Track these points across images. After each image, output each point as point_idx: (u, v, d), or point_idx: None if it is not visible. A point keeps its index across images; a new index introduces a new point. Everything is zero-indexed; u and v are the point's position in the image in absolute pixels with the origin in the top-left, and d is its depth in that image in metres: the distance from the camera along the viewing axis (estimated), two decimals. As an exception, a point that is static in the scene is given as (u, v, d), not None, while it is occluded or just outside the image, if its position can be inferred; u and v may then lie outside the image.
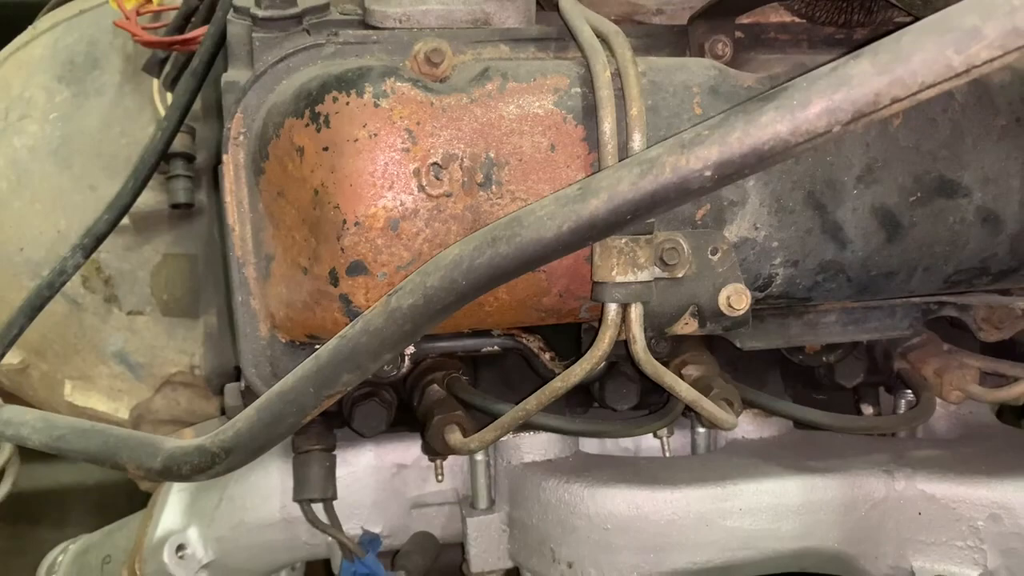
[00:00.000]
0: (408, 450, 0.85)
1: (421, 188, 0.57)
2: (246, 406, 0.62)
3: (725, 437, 0.84)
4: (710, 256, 0.61)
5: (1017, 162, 0.65)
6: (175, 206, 0.90)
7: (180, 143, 0.89)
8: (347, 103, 0.57)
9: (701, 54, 0.68)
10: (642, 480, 0.74)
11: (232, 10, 0.68)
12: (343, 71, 0.58)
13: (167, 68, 0.92)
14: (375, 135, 0.56)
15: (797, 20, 0.70)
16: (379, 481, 0.84)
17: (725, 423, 0.67)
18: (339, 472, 0.82)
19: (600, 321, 0.58)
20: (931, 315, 0.77)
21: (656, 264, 0.59)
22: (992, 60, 0.41)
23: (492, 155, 0.57)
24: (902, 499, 0.72)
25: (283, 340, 0.65)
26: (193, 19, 0.88)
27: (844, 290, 0.67)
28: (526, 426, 0.71)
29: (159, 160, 0.83)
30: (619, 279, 0.57)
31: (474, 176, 0.57)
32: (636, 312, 0.58)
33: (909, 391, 0.86)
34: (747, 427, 0.83)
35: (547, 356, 0.73)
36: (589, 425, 0.74)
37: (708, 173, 0.45)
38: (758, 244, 0.63)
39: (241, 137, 0.63)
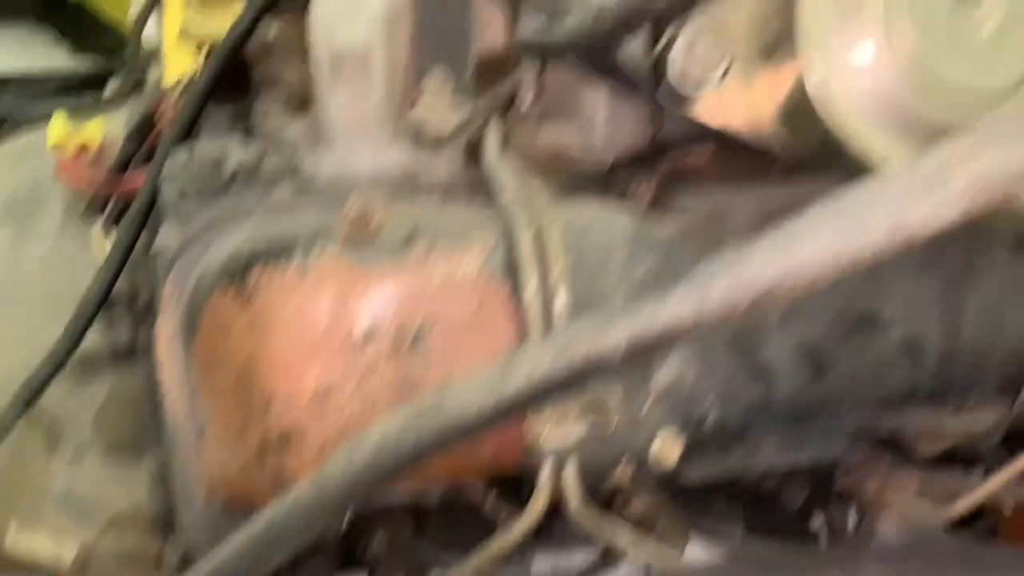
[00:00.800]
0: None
1: (348, 358, 0.57)
2: (179, 572, 0.61)
3: (678, 561, 0.83)
4: (640, 406, 0.62)
5: (935, 292, 0.67)
6: (116, 352, 0.89)
7: (122, 285, 0.89)
8: (272, 277, 0.58)
9: (625, 197, 0.70)
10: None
11: (164, 172, 0.69)
12: (269, 242, 0.59)
13: (107, 212, 0.92)
14: (301, 308, 0.57)
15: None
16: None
17: (670, 566, 0.67)
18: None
19: (536, 478, 0.59)
20: (870, 434, 0.79)
21: (587, 420, 0.59)
22: (881, 251, 0.42)
23: (420, 320, 0.58)
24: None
25: (220, 506, 0.64)
26: (132, 163, 0.89)
27: (774, 424, 0.68)
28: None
29: (99, 307, 0.83)
30: (550, 438, 0.57)
31: (402, 342, 0.58)
32: (570, 470, 0.59)
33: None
34: (696, 551, 0.83)
35: (490, 498, 0.72)
36: None
37: (620, 355, 0.46)
38: (687, 388, 0.64)
39: (172, 306, 0.63)
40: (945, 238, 0.67)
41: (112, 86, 1.18)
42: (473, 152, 0.73)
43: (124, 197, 0.89)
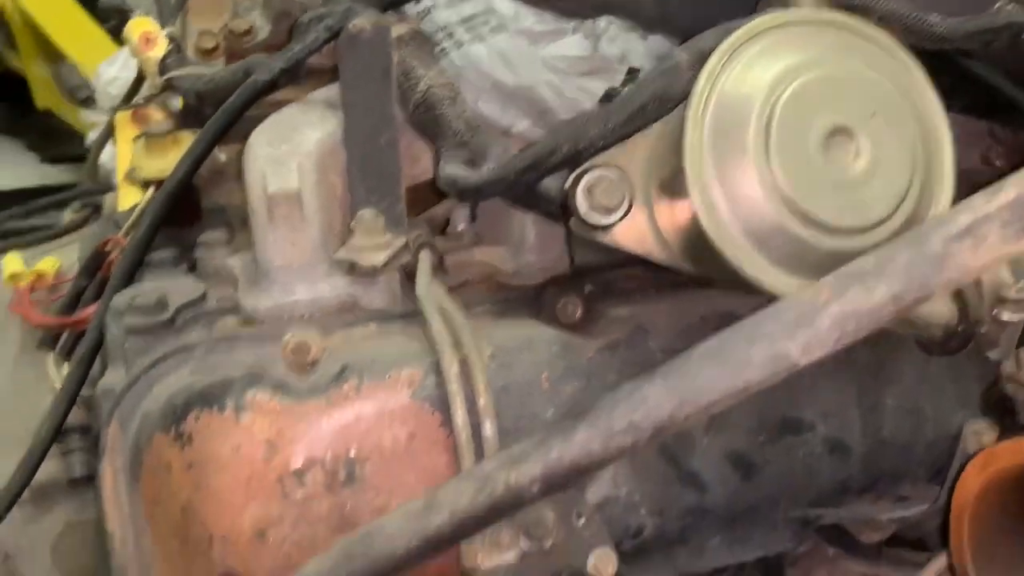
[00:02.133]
0: None
1: (285, 495, 0.59)
2: None
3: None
4: (575, 521, 0.63)
5: (851, 394, 0.70)
6: (72, 481, 0.90)
7: (76, 417, 0.90)
8: (209, 420, 0.60)
9: (553, 315, 0.73)
10: None
11: (108, 312, 0.71)
12: (205, 386, 0.61)
13: (62, 341, 0.94)
14: (236, 449, 0.59)
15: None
16: None
17: None
18: None
19: (474, 605, 0.60)
20: (812, 526, 0.80)
21: (522, 541, 0.61)
22: (763, 380, 0.46)
23: (353, 453, 0.60)
24: None
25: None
26: (82, 298, 0.91)
27: (713, 528, 0.70)
28: None
29: (54, 437, 0.84)
30: (485, 565, 0.59)
31: (336, 477, 0.60)
32: (507, 597, 0.60)
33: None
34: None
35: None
36: None
37: (536, 487, 0.49)
38: (621, 500, 0.66)
39: (118, 443, 0.65)
40: (853, 346, 0.71)
41: (69, 214, 1.22)
42: (410, 277, 0.76)
43: (76, 331, 0.92)
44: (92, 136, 1.37)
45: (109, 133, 1.27)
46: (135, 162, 0.90)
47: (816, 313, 0.44)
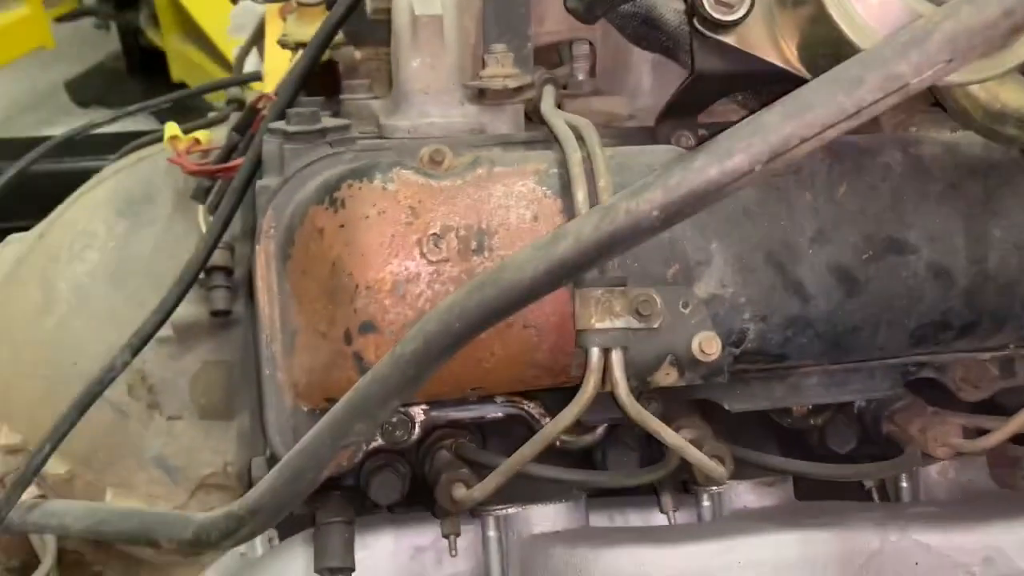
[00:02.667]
0: (425, 531, 0.88)
1: (423, 255, 0.66)
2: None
3: (729, 508, 0.87)
4: (682, 309, 0.68)
5: (957, 222, 0.72)
6: (214, 313, 0.99)
7: (220, 258, 1.00)
8: (360, 188, 0.67)
9: (667, 143, 0.78)
10: (646, 540, 0.77)
11: (267, 132, 0.80)
12: (358, 166, 0.69)
13: (211, 196, 1.04)
14: (383, 212, 0.66)
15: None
16: (397, 563, 0.87)
17: (714, 471, 0.71)
18: (358, 555, 0.86)
19: (585, 368, 0.65)
20: (910, 376, 0.82)
21: (632, 315, 0.66)
22: (876, 102, 0.49)
23: (483, 226, 0.67)
24: (897, 550, 0.74)
25: (305, 409, 0.72)
26: (235, 153, 1.01)
27: (815, 345, 0.73)
28: (528, 479, 0.75)
29: (201, 268, 0.93)
30: (598, 326, 0.64)
31: (468, 244, 0.66)
32: (617, 357, 0.65)
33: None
34: (748, 496, 0.86)
35: (547, 420, 0.78)
36: (586, 476, 0.78)
37: (656, 214, 0.53)
38: (727, 300, 0.70)
39: (272, 231, 0.73)
40: (964, 170, 0.73)
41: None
42: (532, 114, 0.83)
43: (227, 182, 1.02)
44: (237, 51, 1.49)
45: (255, 39, 1.39)
46: (287, 29, 1.00)
47: (928, 34, 0.48)
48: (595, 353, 0.65)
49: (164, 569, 1.20)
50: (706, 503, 0.87)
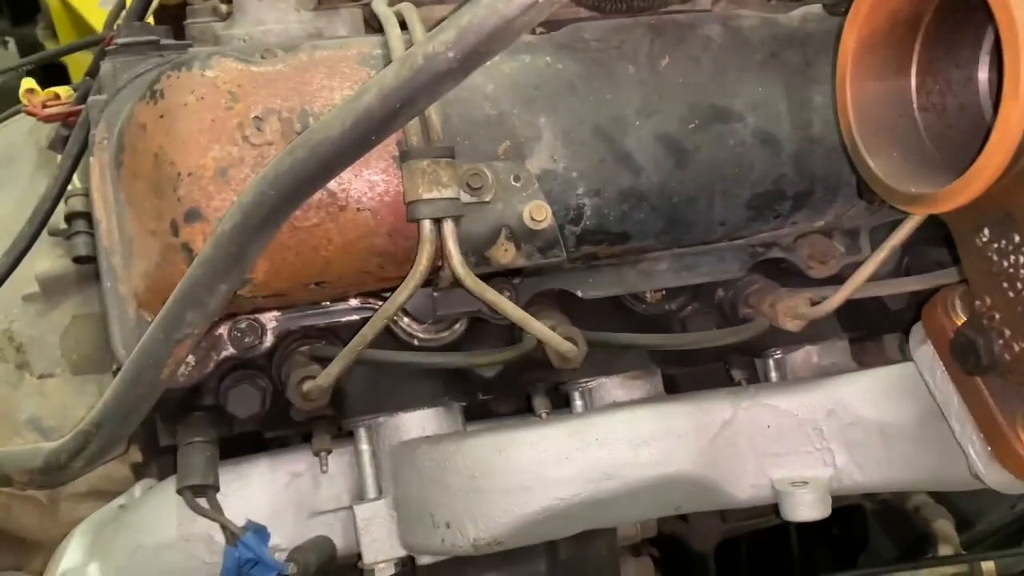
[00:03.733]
0: (300, 458, 0.88)
1: (245, 139, 0.65)
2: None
3: (600, 404, 0.87)
4: (513, 183, 0.69)
5: (779, 89, 0.75)
6: (77, 260, 0.97)
7: (80, 203, 0.97)
8: (178, 76, 0.67)
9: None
10: (507, 429, 0.77)
11: (104, 56, 0.79)
12: (178, 58, 0.68)
13: (68, 143, 1.02)
14: (202, 98, 0.66)
15: (587, 13, 0.82)
16: (274, 492, 0.86)
17: (560, 345, 0.72)
18: (234, 486, 0.85)
19: (419, 241, 0.65)
20: (760, 257, 0.85)
21: (463, 188, 0.67)
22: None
23: (307, 108, 0.67)
24: (749, 416, 0.76)
25: (148, 319, 0.71)
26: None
27: (653, 221, 0.74)
28: (392, 381, 0.75)
29: (51, 207, 0.91)
30: (425, 196, 0.64)
31: (292, 126, 0.66)
32: (449, 228, 0.65)
33: (776, 351, 0.91)
34: (617, 391, 0.88)
35: (405, 320, 0.78)
36: (437, 358, 0.78)
37: (451, 55, 0.54)
38: (559, 175, 0.71)
39: (104, 142, 0.72)
40: (783, 40, 0.75)
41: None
42: (372, 20, 0.83)
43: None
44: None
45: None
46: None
47: None
48: (427, 225, 0.65)
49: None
50: (578, 401, 0.88)
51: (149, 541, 0.85)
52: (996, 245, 0.52)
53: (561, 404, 0.90)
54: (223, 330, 0.75)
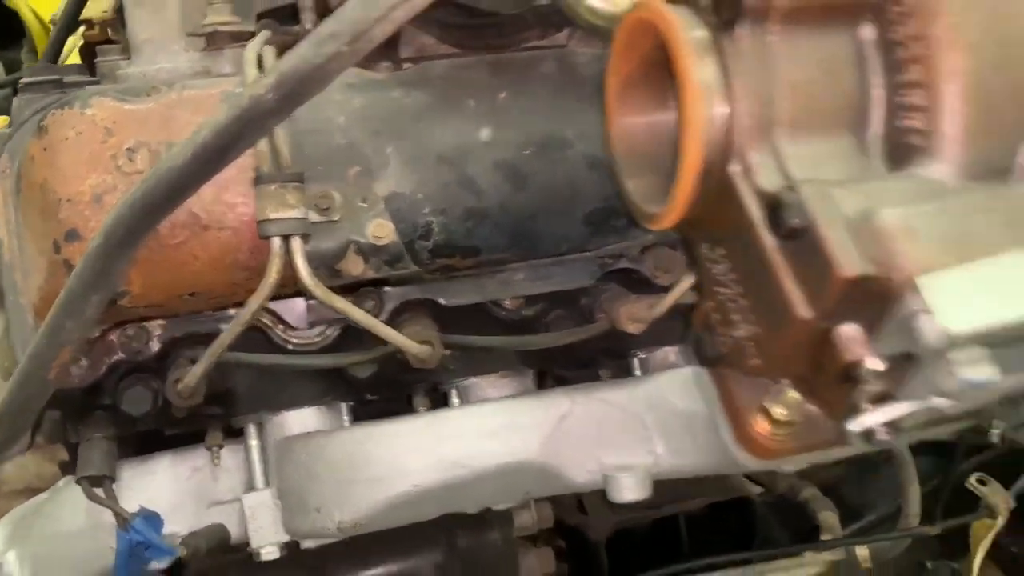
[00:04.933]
0: (201, 453, 0.96)
1: (118, 169, 0.75)
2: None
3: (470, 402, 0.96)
4: (360, 203, 0.78)
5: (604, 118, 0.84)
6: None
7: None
8: (61, 114, 0.76)
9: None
10: (372, 424, 0.86)
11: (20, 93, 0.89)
12: (64, 97, 0.78)
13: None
14: (80, 133, 0.75)
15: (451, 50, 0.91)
16: (177, 484, 0.95)
17: (411, 348, 0.81)
18: (140, 480, 0.94)
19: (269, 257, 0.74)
20: (609, 267, 0.93)
21: (312, 209, 0.76)
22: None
23: (174, 141, 0.76)
24: (584, 410, 0.85)
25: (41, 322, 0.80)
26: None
27: (498, 236, 0.83)
28: (273, 382, 0.84)
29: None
30: (272, 216, 0.73)
31: (159, 157, 0.75)
32: (296, 244, 0.74)
33: (640, 352, 1.00)
34: (490, 390, 0.96)
35: (279, 328, 0.87)
36: (294, 359, 0.86)
37: (270, 95, 0.63)
38: (406, 197, 0.80)
39: (7, 171, 0.82)
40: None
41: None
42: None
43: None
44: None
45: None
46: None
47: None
48: (276, 241, 0.74)
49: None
50: (455, 399, 0.97)
51: (62, 529, 0.94)
52: (709, 255, 0.61)
53: (442, 403, 0.99)
54: (114, 336, 0.83)
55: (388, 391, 0.97)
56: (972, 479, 1.17)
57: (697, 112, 0.50)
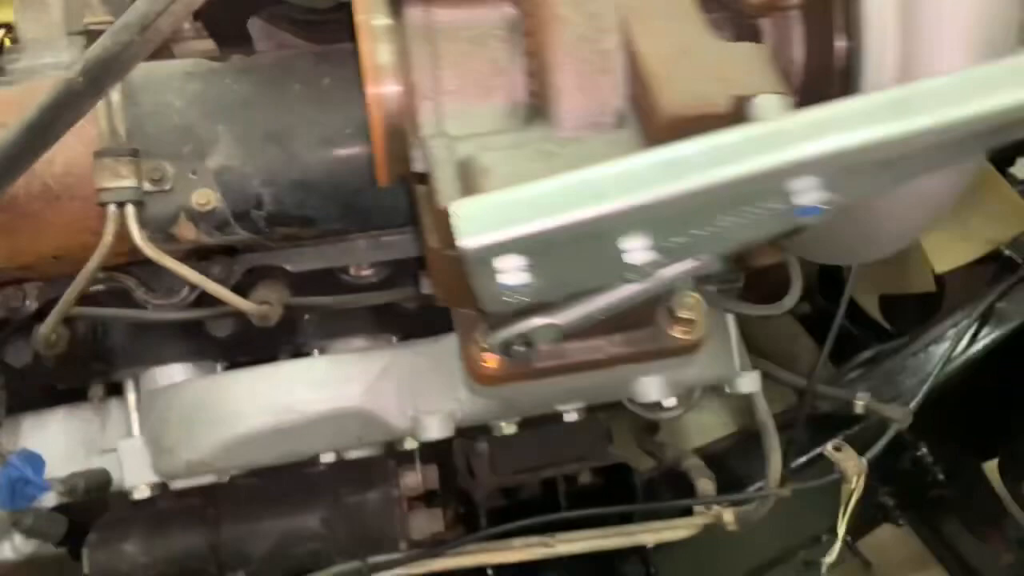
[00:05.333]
0: (94, 407, 1.09)
1: (-21, 146, 0.86)
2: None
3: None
4: (191, 175, 0.89)
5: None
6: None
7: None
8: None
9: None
10: (220, 375, 0.97)
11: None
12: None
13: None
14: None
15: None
16: (68, 435, 1.08)
17: (241, 305, 0.92)
18: (36, 432, 1.06)
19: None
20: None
21: (146, 180, 0.87)
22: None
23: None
24: (403, 362, 0.94)
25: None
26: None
27: (329, 208, 0.93)
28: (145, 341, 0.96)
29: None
30: (107, 185, 0.85)
31: (14, 133, 0.87)
32: (130, 210, 0.85)
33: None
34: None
35: (142, 290, 0.99)
36: (134, 313, 0.97)
37: (80, 79, 0.74)
38: (236, 170, 0.90)
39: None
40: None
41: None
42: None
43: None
44: None
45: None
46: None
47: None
48: (111, 208, 0.85)
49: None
50: (315, 361, 1.07)
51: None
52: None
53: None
54: (-4, 296, 0.96)
55: (254, 351, 1.08)
56: (829, 446, 1.24)
57: (374, 91, 0.59)
